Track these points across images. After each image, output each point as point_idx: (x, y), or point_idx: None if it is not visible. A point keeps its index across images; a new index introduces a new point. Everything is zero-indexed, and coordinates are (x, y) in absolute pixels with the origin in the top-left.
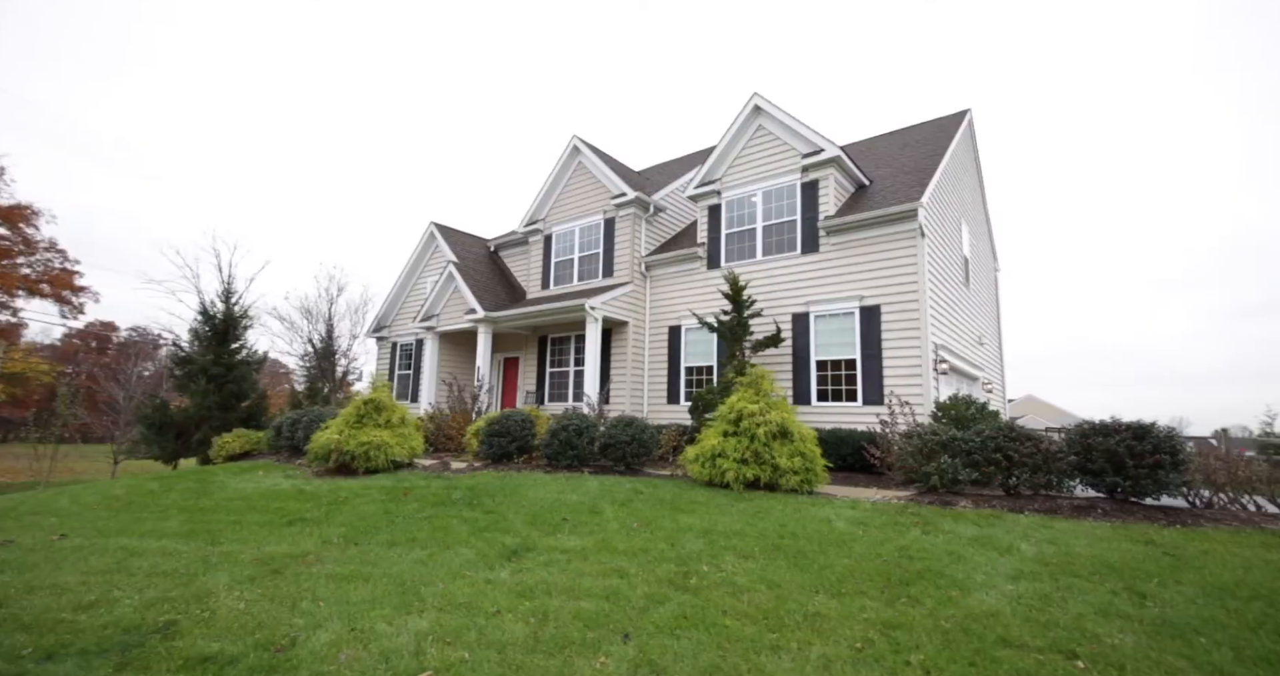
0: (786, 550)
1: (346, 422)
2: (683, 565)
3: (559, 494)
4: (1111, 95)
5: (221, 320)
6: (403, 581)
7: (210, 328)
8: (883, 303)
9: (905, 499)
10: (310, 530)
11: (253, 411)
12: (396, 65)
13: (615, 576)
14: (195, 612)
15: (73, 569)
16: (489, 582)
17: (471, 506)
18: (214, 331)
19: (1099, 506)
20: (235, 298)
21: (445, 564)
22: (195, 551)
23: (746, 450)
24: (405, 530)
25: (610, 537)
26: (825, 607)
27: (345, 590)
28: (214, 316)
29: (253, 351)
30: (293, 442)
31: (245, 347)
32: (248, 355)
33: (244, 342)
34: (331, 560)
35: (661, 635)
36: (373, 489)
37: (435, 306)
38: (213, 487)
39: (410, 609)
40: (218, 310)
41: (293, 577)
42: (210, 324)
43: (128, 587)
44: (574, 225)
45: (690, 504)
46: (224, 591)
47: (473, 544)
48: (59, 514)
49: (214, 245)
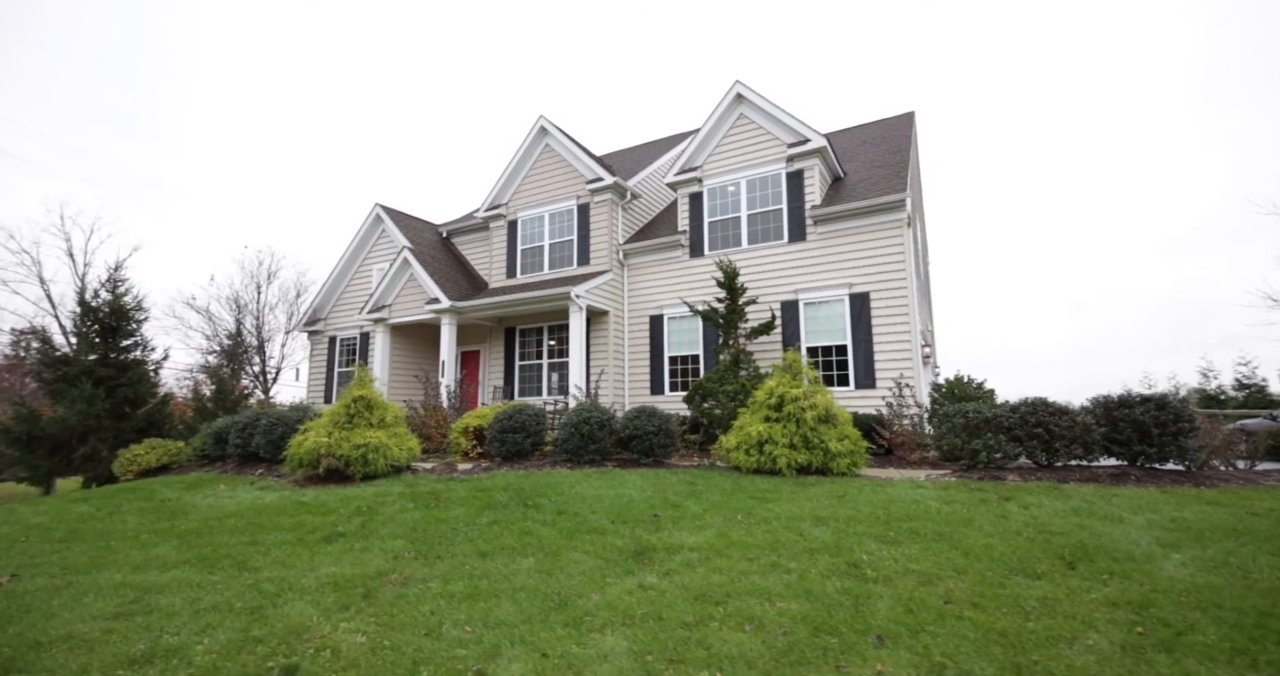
0: (919, 532)
1: (335, 423)
2: (836, 555)
3: (612, 489)
4: (1032, 105)
5: (108, 314)
6: (543, 594)
7: (94, 322)
8: (872, 290)
9: (953, 476)
10: (360, 545)
11: (153, 419)
12: (320, 33)
13: (781, 572)
14: (310, 652)
15: (75, 614)
16: (645, 588)
17: (530, 507)
18: (100, 327)
19: (1130, 474)
20: (123, 286)
21: (569, 571)
22: (232, 581)
23: (795, 435)
24: (485, 538)
25: (726, 531)
26: (1044, 591)
27: (482, 610)
28: (98, 309)
29: (150, 349)
30: (246, 450)
31: (142, 345)
32: (143, 354)
33: (139, 339)
34: (425, 578)
35: (922, 634)
36: (390, 496)
37: (387, 296)
38: (176, 507)
39: (584, 624)
40: (102, 302)
41: (396, 601)
42: (94, 318)
43: (183, 631)
44: (542, 211)
45: (762, 492)
46: (323, 623)
47: (579, 547)
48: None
49: (64, 226)
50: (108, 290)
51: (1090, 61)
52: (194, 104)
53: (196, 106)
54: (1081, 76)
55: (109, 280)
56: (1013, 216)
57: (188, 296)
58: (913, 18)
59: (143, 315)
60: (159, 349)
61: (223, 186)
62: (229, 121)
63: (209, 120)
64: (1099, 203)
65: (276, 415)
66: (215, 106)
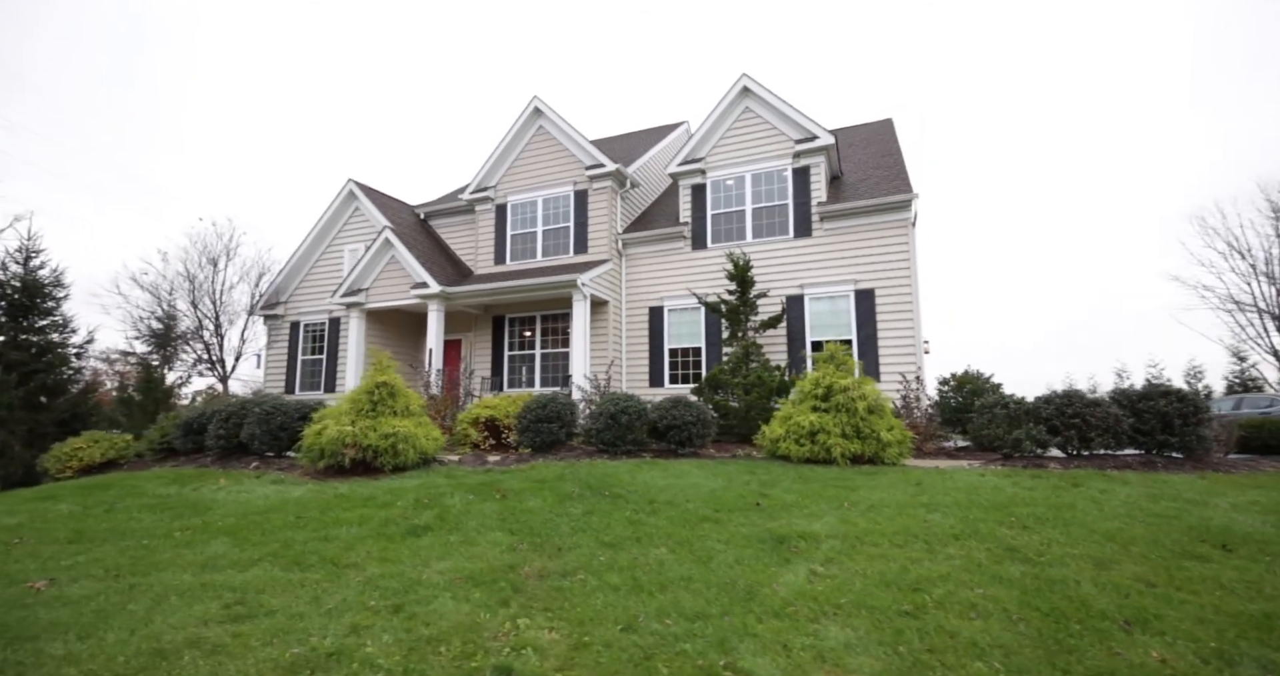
0: (1040, 517)
1: (357, 411)
2: (981, 540)
3: (679, 479)
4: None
5: (19, 289)
6: (715, 584)
7: (1, 298)
8: (877, 286)
9: (998, 464)
10: (456, 539)
11: (76, 411)
12: (290, 12)
13: (944, 558)
14: (506, 651)
15: (176, 619)
16: (819, 576)
17: (611, 498)
18: (8, 304)
19: (1155, 462)
20: (38, 258)
21: (719, 560)
22: (337, 579)
23: (846, 424)
24: (595, 529)
25: (847, 519)
26: (1232, 572)
27: (662, 602)
28: (5, 284)
29: (70, 330)
30: (230, 443)
31: (61, 326)
32: (63, 336)
33: (59, 319)
34: (562, 571)
35: (1159, 619)
36: (440, 488)
37: (364, 279)
38: (190, 503)
39: (790, 614)
40: (11, 275)
41: (556, 595)
42: (0, 294)
43: (328, 633)
44: (535, 195)
45: (836, 481)
46: (491, 620)
47: (707, 536)
48: None
49: None
50: (17, 262)
51: (1060, 59)
52: (153, 75)
53: (155, 77)
54: (1040, 75)
55: (20, 249)
56: (983, 218)
57: (135, 271)
58: (897, 20)
59: (62, 292)
60: (81, 330)
61: (176, 160)
62: (186, 92)
63: (165, 91)
64: (1074, 202)
65: (273, 403)
66: (174, 78)
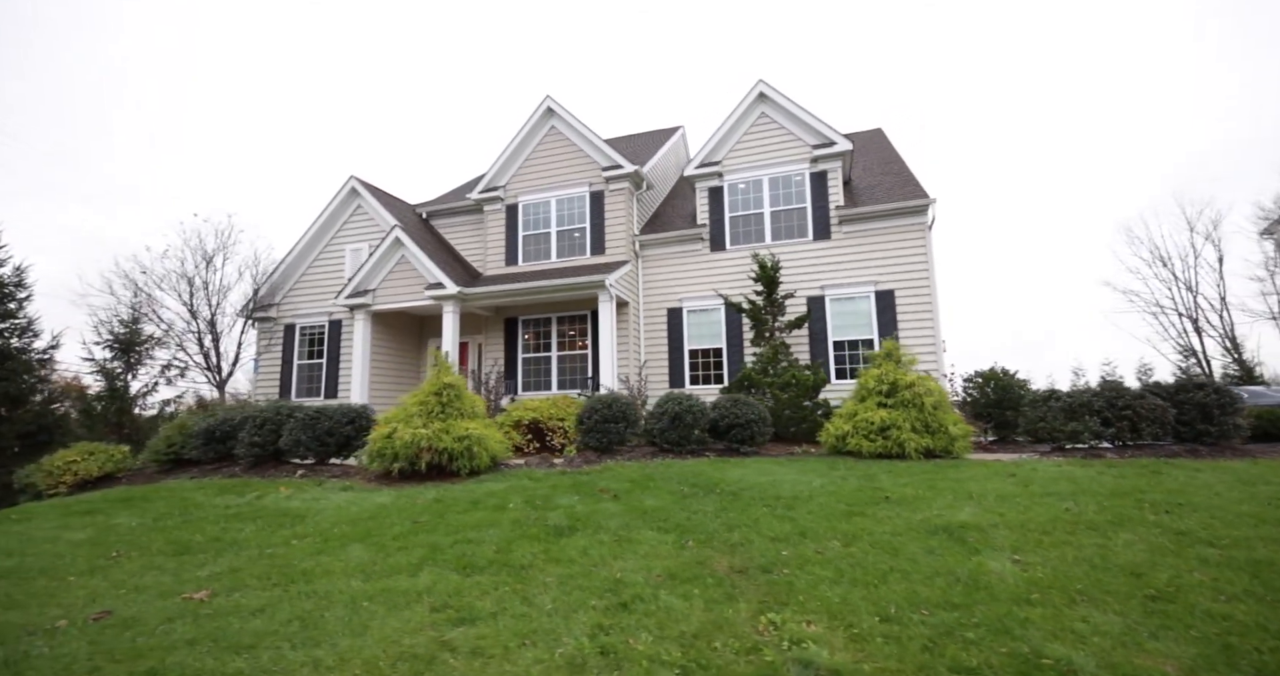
0: (1172, 505)
1: (426, 413)
2: (1141, 527)
3: (767, 476)
4: None
5: None
6: (931, 575)
7: None
8: (897, 287)
9: (1056, 456)
10: (609, 538)
11: (42, 422)
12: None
13: (1141, 547)
14: (807, 645)
15: (397, 626)
16: (1027, 565)
17: (729, 496)
18: None
19: (1199, 450)
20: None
21: (913, 553)
22: (522, 581)
23: (916, 420)
24: (747, 526)
25: (995, 509)
26: None
27: (892, 593)
28: None
29: (33, 334)
30: (265, 450)
31: (21, 329)
32: (24, 341)
33: (20, 323)
34: (759, 567)
35: None
36: (537, 490)
37: (370, 280)
38: (272, 513)
39: (1052, 603)
40: None
41: (776, 590)
42: None
43: (603, 632)
44: (548, 196)
45: (932, 474)
46: (745, 617)
47: (871, 530)
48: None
49: None
50: None
51: (1058, 59)
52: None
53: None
54: (1037, 74)
55: None
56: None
57: (126, 270)
58: (888, 23)
59: (24, 292)
60: (45, 334)
61: (170, 160)
62: (178, 88)
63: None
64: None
65: (315, 408)
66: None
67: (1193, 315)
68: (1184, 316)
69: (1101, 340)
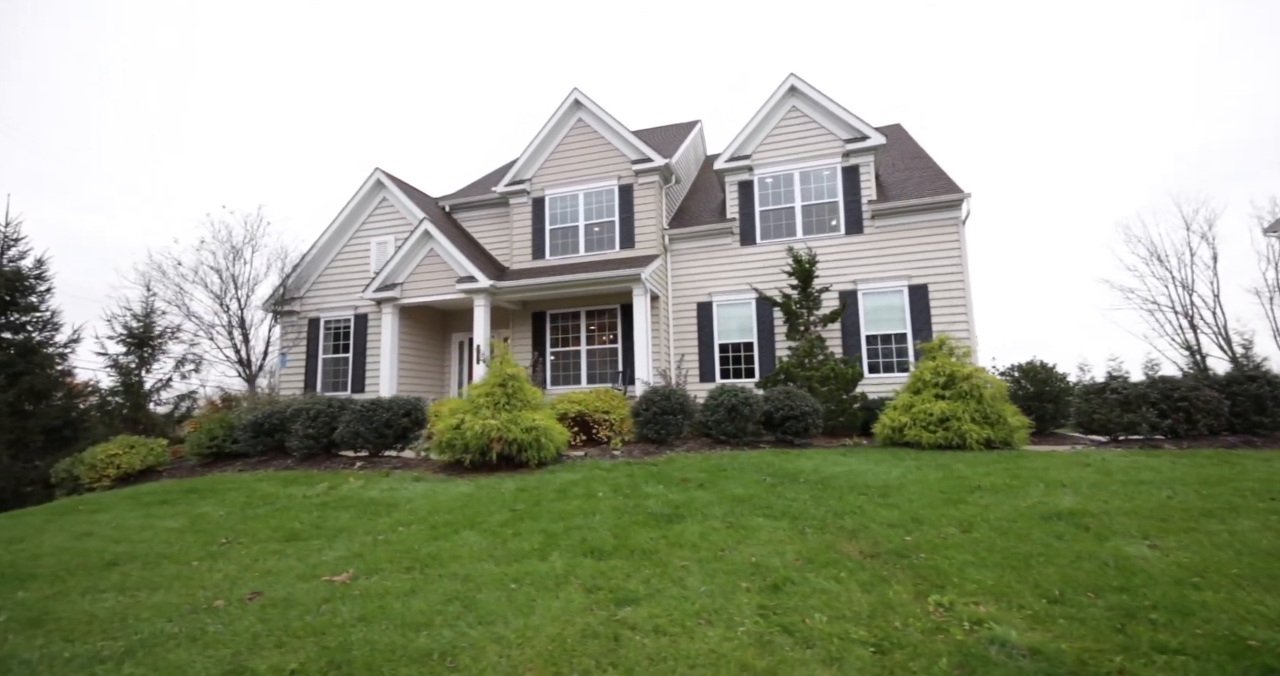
0: (1272, 493)
1: (493, 404)
2: (1251, 515)
3: (837, 467)
4: None
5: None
6: (1075, 558)
7: None
8: (930, 282)
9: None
10: (717, 525)
11: (67, 417)
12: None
13: (1267, 531)
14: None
15: (552, 609)
16: (1165, 550)
17: (817, 485)
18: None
19: (1253, 441)
20: (14, 248)
21: (1041, 537)
22: (658, 565)
23: (975, 411)
24: (854, 512)
25: (1096, 497)
26: None
27: (1045, 576)
28: None
29: (54, 328)
30: (320, 443)
31: (44, 323)
32: (45, 335)
33: (46, 314)
34: (892, 552)
35: None
36: (614, 479)
37: (399, 273)
38: (360, 502)
39: (1219, 587)
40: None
41: (924, 574)
42: None
43: (754, 613)
44: (576, 189)
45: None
46: (907, 599)
47: (984, 516)
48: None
49: None
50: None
51: (1058, 59)
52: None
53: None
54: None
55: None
56: None
57: (159, 263)
58: (891, 21)
59: (44, 285)
60: (67, 327)
61: (188, 160)
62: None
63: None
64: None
65: (370, 400)
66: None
67: (1188, 312)
68: (1180, 314)
69: (1098, 337)
